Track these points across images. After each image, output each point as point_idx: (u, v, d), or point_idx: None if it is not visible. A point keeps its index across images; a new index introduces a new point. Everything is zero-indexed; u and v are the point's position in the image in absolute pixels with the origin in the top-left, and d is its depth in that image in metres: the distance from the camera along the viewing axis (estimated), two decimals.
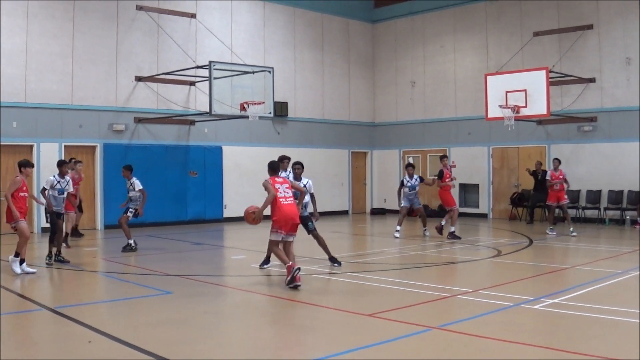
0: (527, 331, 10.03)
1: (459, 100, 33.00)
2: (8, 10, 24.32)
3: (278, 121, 31.93)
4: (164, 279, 15.07)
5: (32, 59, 24.86)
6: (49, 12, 25.27)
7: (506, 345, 9.11)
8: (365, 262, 17.85)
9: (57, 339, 9.82)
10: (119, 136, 27.09)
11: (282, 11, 32.67)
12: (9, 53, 24.34)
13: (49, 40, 25.28)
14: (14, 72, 24.48)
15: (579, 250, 20.00)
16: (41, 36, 25.08)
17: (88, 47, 26.21)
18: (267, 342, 9.76)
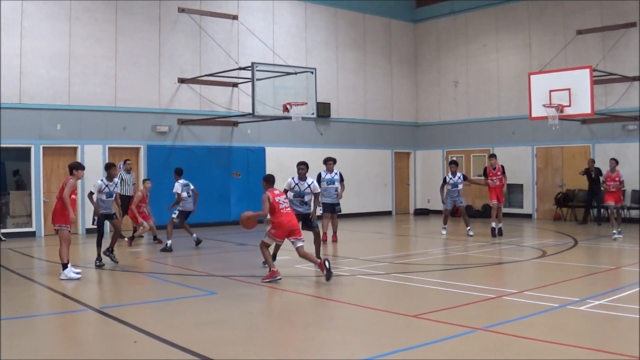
0: (573, 333, 9.79)
1: (502, 99, 32.41)
2: (51, 14, 24.32)
3: (321, 122, 31.62)
4: (209, 279, 15.00)
5: (75, 62, 24.82)
6: (92, 15, 25.22)
7: (552, 347, 8.90)
8: (409, 262, 17.53)
9: (102, 339, 9.85)
10: (163, 138, 26.97)
11: (324, 12, 32.33)
12: (52, 56, 24.34)
13: (92, 43, 25.22)
14: (58, 75, 24.46)
15: (625, 251, 19.32)
16: (84, 39, 25.03)
17: (131, 49, 26.15)
18: (312, 343, 9.65)
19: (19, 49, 23.68)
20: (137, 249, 20.71)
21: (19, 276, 15.48)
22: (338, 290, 13.69)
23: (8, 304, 11.99)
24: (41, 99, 24.12)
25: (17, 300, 12.59)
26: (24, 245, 21.33)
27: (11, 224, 24.08)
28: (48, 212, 23.63)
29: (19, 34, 23.69)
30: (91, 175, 24.72)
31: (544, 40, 30.73)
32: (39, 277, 15.77)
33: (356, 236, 24.31)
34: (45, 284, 14.58)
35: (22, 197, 24.62)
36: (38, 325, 10.84)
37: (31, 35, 23.93)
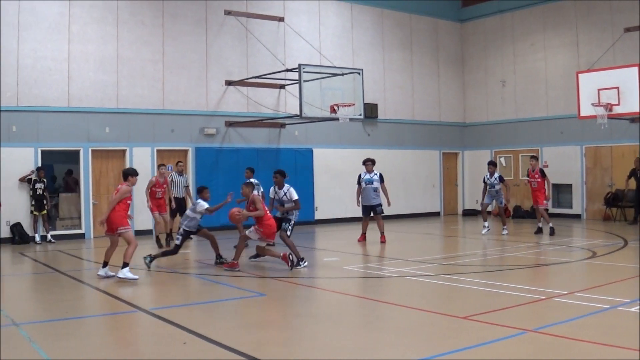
0: (624, 334, 9.37)
1: (550, 98, 31.62)
2: (98, 18, 24.24)
3: (368, 123, 31.12)
4: (258, 280, 14.89)
5: (123, 66, 24.70)
6: (138, 19, 25.10)
7: (603, 349, 8.67)
8: (458, 263, 17.22)
9: (152, 340, 9.83)
10: (210, 140, 26.70)
11: (370, 12, 31.83)
12: (100, 60, 24.27)
13: (139, 46, 25.10)
14: (106, 78, 24.38)
15: None
16: (132, 43, 24.91)
17: (178, 52, 25.97)
18: (360, 344, 9.43)
19: (67, 53, 23.62)
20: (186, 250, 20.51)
21: (68, 278, 15.47)
22: (386, 291, 13.64)
23: (58, 306, 12.10)
24: (89, 103, 24.04)
25: (67, 302, 12.57)
26: (73, 247, 21.27)
27: (61, 226, 24.08)
28: (97, 214, 23.83)
29: (67, 38, 23.63)
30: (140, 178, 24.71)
31: (592, 38, 29.93)
32: (88, 279, 15.62)
33: (404, 237, 23.95)
34: (95, 285, 14.49)
35: (71, 200, 24.57)
36: (88, 326, 10.78)
37: (79, 40, 23.86)
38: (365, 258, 18.40)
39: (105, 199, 24.30)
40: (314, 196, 29.33)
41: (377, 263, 17.48)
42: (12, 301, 12.67)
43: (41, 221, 22.89)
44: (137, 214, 24.33)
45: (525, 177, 27.51)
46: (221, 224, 24.26)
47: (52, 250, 20.61)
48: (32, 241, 22.61)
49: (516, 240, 21.89)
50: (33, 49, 23.05)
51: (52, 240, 22.67)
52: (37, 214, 22.67)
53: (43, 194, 22.69)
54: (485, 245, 21.18)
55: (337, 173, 29.67)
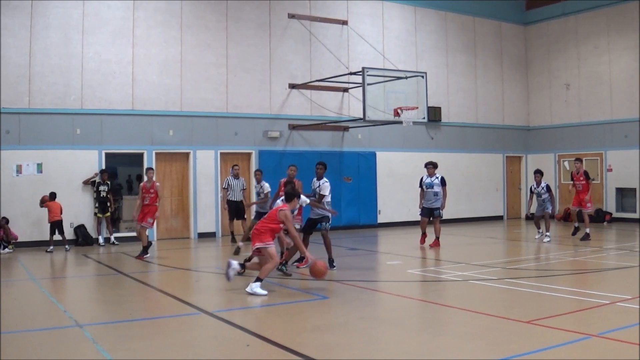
0: None
1: (614, 102, 30.34)
2: (162, 22, 23.87)
3: (431, 126, 30.14)
4: (321, 284, 14.32)
5: (187, 69, 24.21)
6: (202, 23, 24.60)
7: None
8: (521, 268, 16.65)
9: (215, 342, 9.68)
10: (274, 143, 26.03)
11: (434, 16, 30.86)
12: (164, 63, 23.90)
13: (203, 50, 24.58)
14: (170, 82, 23.96)
15: None
16: (195, 47, 24.44)
17: (242, 56, 25.39)
18: (424, 348, 9.22)
19: (131, 56, 23.26)
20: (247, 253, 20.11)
21: (131, 280, 15.40)
22: (450, 295, 13.50)
23: (122, 307, 12.19)
24: (153, 106, 23.62)
25: (131, 304, 12.65)
26: (136, 249, 20.83)
27: (124, 228, 23.87)
28: (161, 216, 23.41)
29: (131, 42, 23.26)
30: (203, 181, 24.43)
31: None
32: (151, 280, 15.75)
33: (468, 241, 23.40)
34: (159, 287, 14.55)
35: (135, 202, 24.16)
36: (151, 328, 10.64)
37: (143, 43, 23.50)
38: (428, 262, 17.95)
39: (167, 202, 24.00)
40: (376, 199, 28.55)
41: (440, 267, 17.01)
42: (76, 303, 12.82)
43: (104, 223, 22.58)
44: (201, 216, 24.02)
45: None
46: None
47: (115, 252, 20.51)
48: (95, 243, 22.36)
49: (579, 244, 21.23)
50: (97, 52, 22.71)
51: (115, 243, 22.34)
52: (100, 216, 22.37)
53: (107, 197, 22.33)
54: (548, 249, 20.46)
55: (400, 176, 28.84)
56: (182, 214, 24.47)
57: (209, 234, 24.47)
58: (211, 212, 24.58)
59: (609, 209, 29.74)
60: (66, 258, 19.45)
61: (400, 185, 28.80)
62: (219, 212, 24.56)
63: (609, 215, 29.32)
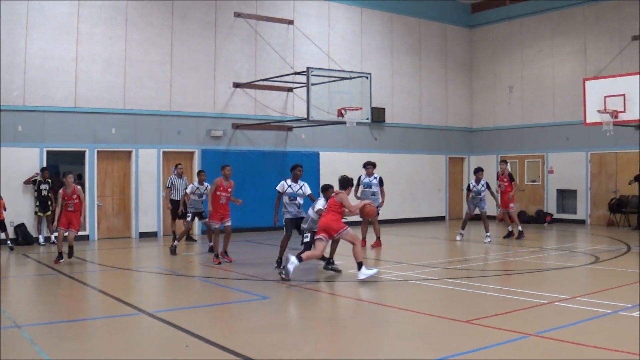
0: (626, 339, 9.45)
1: (557, 105, 31.20)
2: (107, 19, 23.85)
3: (375, 127, 30.60)
4: (262, 284, 14.69)
5: (131, 67, 24.27)
6: (148, 21, 24.67)
7: (605, 353, 8.77)
8: (462, 268, 17.12)
9: (155, 343, 9.81)
10: (217, 142, 26.24)
11: (379, 17, 31.33)
12: (108, 61, 23.87)
13: (148, 48, 24.66)
14: (113, 79, 23.98)
15: None
16: (140, 44, 24.50)
17: (187, 54, 25.53)
18: (365, 348, 9.44)
19: (75, 53, 23.22)
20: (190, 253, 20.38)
21: (71, 279, 15.35)
22: (391, 295, 13.73)
23: (61, 308, 12.29)
24: (96, 103, 23.62)
25: (70, 304, 12.76)
26: (77, 248, 20.80)
27: None
28: (102, 215, 23.54)
29: (75, 38, 23.22)
30: (146, 179, 24.47)
31: (600, 45, 29.56)
32: (91, 280, 15.76)
33: (409, 241, 23.92)
34: (99, 287, 14.58)
35: None
36: (90, 328, 10.77)
37: (87, 40, 23.47)
38: (369, 262, 18.08)
39: (110, 200, 24.02)
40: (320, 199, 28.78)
41: (382, 267, 17.19)
42: (14, 303, 12.73)
43: (45, 222, 22.52)
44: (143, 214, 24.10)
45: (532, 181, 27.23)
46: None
47: (55, 252, 20.17)
48: (35, 242, 22.28)
49: (519, 245, 21.88)
50: (41, 48, 22.63)
51: (56, 242, 22.13)
52: (41, 215, 22.30)
53: (48, 195, 22.24)
54: (488, 249, 21.06)
55: None
56: (124, 213, 24.56)
57: (151, 233, 24.61)
58: (153, 212, 24.70)
59: (549, 210, 30.49)
60: (8, 258, 19.33)
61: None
62: (161, 212, 24.73)
63: (550, 217, 30.08)
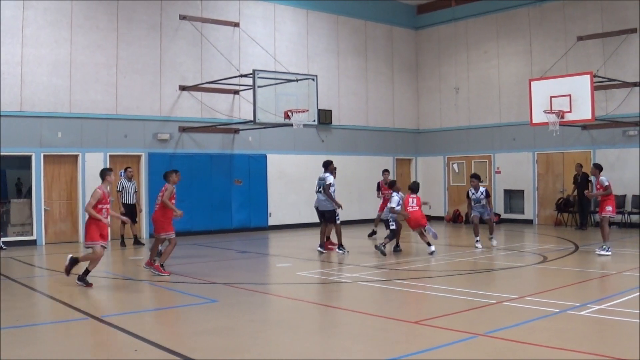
0: (574, 338, 9.74)
1: (503, 105, 32.15)
2: (52, 22, 24.08)
3: (322, 129, 31.28)
4: (210, 287, 14.85)
5: (76, 70, 24.55)
6: (93, 23, 24.97)
7: (553, 352, 8.88)
8: (411, 269, 17.34)
9: (103, 348, 9.80)
10: (164, 145, 26.68)
11: (326, 19, 32.07)
12: (53, 64, 24.09)
13: (93, 51, 24.97)
14: (59, 82, 24.21)
15: (625, 256, 19.02)
16: (86, 47, 24.79)
17: (132, 57, 25.91)
18: (313, 350, 9.53)
19: (20, 56, 23.42)
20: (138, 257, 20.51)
21: (19, 285, 15.35)
22: (340, 297, 13.92)
23: (9, 313, 11.92)
24: (42, 107, 23.84)
25: (18, 309, 12.47)
26: (24, 253, 21.14)
27: (12, 232, 23.79)
28: (49, 220, 23.71)
29: (20, 41, 23.44)
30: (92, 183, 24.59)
31: (545, 46, 30.52)
32: (39, 285, 15.78)
33: (357, 243, 23.93)
34: (47, 292, 14.61)
35: (22, 206, 24.31)
36: (39, 334, 10.76)
37: (32, 43, 23.69)
38: (319, 264, 18.56)
39: (57, 205, 24.24)
40: (267, 202, 29.36)
41: (330, 269, 17.67)
42: None
43: None
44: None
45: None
46: None
47: (3, 257, 20.19)
48: None
49: (468, 245, 22.14)
50: None
51: (3, 247, 22.27)
52: None
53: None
54: (437, 250, 20.92)
55: (291, 179, 29.87)
56: (71, 218, 24.81)
57: None
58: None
59: (497, 210, 30.93)
60: None
61: (291, 187, 29.87)
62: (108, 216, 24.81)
63: (497, 217, 30.45)
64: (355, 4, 33.19)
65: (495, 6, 32.51)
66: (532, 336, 9.68)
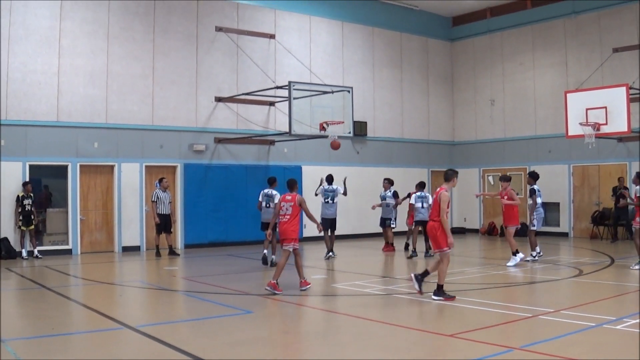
0: (610, 352, 9.59)
1: (538, 117, 31.80)
2: (89, 32, 24.20)
3: (357, 140, 31.08)
4: (245, 298, 14.76)
5: (113, 81, 24.62)
6: (129, 34, 25.06)
7: None
8: (447, 282, 16.99)
9: (138, 357, 9.66)
10: (199, 156, 26.62)
11: (361, 30, 31.94)
12: (90, 74, 24.20)
13: (130, 61, 25.04)
14: (95, 93, 24.30)
15: None
16: (122, 58, 24.86)
17: (168, 68, 25.94)
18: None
19: (57, 67, 23.55)
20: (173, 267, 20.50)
21: (55, 294, 15.32)
22: (375, 309, 13.68)
23: (44, 322, 12.04)
24: (78, 117, 23.92)
25: (54, 319, 12.49)
26: (60, 263, 21.16)
27: (48, 241, 23.79)
28: (85, 230, 23.80)
29: (57, 52, 23.56)
30: (128, 193, 24.70)
31: (581, 58, 30.16)
32: (74, 295, 15.75)
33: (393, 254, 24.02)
34: (82, 302, 14.59)
35: (59, 215, 24.28)
36: (74, 343, 10.73)
37: (69, 54, 23.80)
38: (353, 276, 18.34)
39: (92, 214, 24.27)
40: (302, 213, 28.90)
41: (365, 281, 17.29)
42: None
43: (28, 236, 22.64)
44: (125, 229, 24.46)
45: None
46: None
47: (38, 266, 20.52)
48: (18, 256, 22.36)
49: (503, 258, 21.81)
50: (23, 62, 22.96)
51: (39, 256, 22.35)
52: (24, 229, 22.40)
53: (31, 209, 22.41)
54: (472, 263, 21.15)
55: None
56: (107, 227, 24.81)
57: (134, 247, 24.86)
58: (136, 226, 24.97)
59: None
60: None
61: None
62: (144, 226, 25.02)
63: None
64: (390, 15, 33.02)
65: (530, 18, 32.22)
66: (568, 350, 9.56)
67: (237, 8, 27.83)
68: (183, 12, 26.40)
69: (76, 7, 23.97)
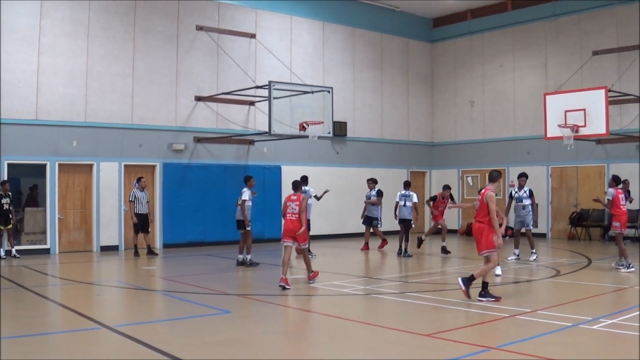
0: (586, 352, 9.69)
1: (518, 119, 31.99)
2: (69, 31, 24.09)
3: (337, 141, 31.12)
4: (223, 298, 14.72)
5: (93, 80, 24.53)
6: (110, 34, 24.96)
7: None
8: (425, 281, 17.37)
9: (116, 357, 9.71)
10: (179, 156, 26.56)
11: (342, 31, 31.96)
12: (70, 73, 24.10)
13: (110, 61, 24.95)
14: (75, 92, 24.21)
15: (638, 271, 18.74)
16: (102, 57, 24.77)
17: (148, 67, 25.86)
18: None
19: (37, 65, 23.42)
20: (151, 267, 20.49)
21: (33, 294, 15.26)
22: (353, 309, 13.74)
23: (22, 322, 11.97)
24: (57, 116, 23.82)
25: (31, 318, 12.45)
26: (38, 262, 21.06)
27: (26, 240, 23.65)
28: (63, 229, 23.71)
29: (37, 50, 23.44)
30: (107, 193, 24.60)
31: (560, 60, 30.38)
32: (52, 294, 15.66)
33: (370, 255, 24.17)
34: (60, 301, 14.53)
35: (37, 214, 24.15)
36: (51, 343, 10.66)
37: (49, 53, 23.69)
38: (331, 276, 18.26)
39: (71, 213, 24.14)
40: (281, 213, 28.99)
41: (343, 281, 17.26)
42: None
43: (6, 236, 22.51)
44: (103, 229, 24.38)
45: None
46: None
47: (16, 266, 20.37)
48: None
49: (480, 259, 21.68)
50: (2, 60, 22.76)
51: (16, 255, 22.19)
52: (2, 228, 22.25)
53: (9, 208, 22.26)
54: (451, 263, 21.30)
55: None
56: (85, 227, 24.71)
57: (112, 247, 24.80)
58: (114, 225, 24.90)
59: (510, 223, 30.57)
60: None
61: None
62: (122, 225, 24.92)
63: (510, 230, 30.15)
64: (371, 16, 33.07)
65: (511, 20, 32.39)
66: (544, 350, 9.61)
67: (218, 7, 27.80)
68: (164, 12, 26.33)
69: (56, 6, 23.85)
